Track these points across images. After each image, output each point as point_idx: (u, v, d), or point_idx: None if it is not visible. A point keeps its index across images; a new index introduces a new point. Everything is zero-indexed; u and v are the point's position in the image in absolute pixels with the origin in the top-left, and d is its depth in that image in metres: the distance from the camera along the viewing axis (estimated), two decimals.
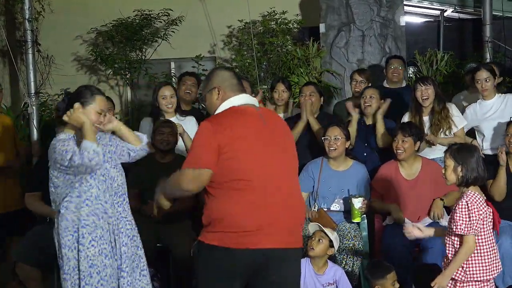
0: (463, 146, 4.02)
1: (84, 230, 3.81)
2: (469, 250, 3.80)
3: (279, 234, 3.55)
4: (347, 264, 5.27)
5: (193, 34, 9.13)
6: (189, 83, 6.68)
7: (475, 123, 6.15)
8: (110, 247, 3.91)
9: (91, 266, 3.79)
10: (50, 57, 9.17)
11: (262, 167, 3.57)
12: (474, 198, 3.84)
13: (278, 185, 3.60)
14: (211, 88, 3.75)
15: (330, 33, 8.09)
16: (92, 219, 3.85)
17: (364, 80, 6.61)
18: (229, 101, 3.70)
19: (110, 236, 3.93)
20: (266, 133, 3.65)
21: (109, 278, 3.85)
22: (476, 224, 3.79)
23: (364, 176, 5.68)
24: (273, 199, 3.55)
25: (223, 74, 3.81)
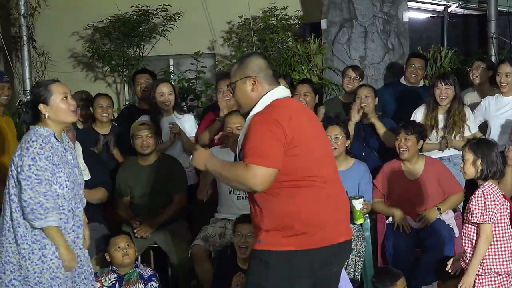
0: (483, 140, 4.09)
1: (46, 241, 3.71)
2: (487, 239, 3.81)
3: (345, 227, 3.56)
4: (349, 265, 5.26)
5: (192, 30, 9.12)
6: (142, 81, 6.65)
7: (486, 117, 6.12)
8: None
9: (53, 278, 3.71)
10: (46, 53, 9.17)
11: (323, 161, 3.49)
12: (490, 188, 3.88)
13: (335, 177, 3.59)
14: (245, 76, 3.52)
15: (331, 29, 8.07)
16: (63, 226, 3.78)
17: (358, 77, 6.61)
18: (271, 94, 3.50)
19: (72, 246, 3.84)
20: (313, 126, 3.56)
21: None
22: (492, 212, 3.81)
23: (366, 175, 5.66)
24: (336, 192, 3.53)
25: (260, 62, 3.57)
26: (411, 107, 6.15)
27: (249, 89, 3.52)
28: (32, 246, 3.67)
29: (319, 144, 3.52)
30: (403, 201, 5.56)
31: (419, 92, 6.60)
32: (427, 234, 5.38)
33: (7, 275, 3.70)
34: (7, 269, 3.70)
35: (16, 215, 3.70)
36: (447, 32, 8.97)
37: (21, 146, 3.73)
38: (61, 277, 3.72)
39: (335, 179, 3.60)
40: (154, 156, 5.65)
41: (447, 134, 5.88)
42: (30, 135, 3.75)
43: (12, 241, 3.71)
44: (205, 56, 9.13)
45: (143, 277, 4.98)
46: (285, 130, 3.31)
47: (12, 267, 3.69)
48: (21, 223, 3.69)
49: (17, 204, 3.70)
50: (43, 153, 3.67)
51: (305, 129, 3.43)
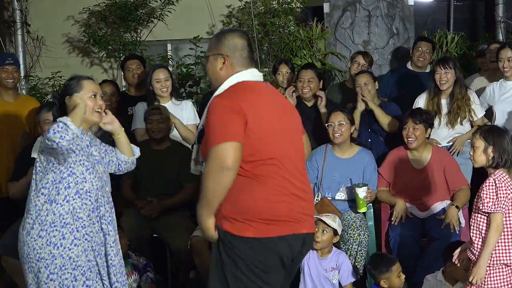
0: (494, 127, 4.08)
1: (78, 223, 3.71)
2: (498, 229, 3.80)
3: (310, 219, 3.51)
4: (351, 255, 5.28)
5: (190, 14, 9.13)
6: (133, 67, 6.67)
7: (491, 103, 6.12)
8: (98, 246, 3.81)
9: (90, 260, 3.73)
10: (40, 38, 9.14)
11: (285, 148, 3.41)
12: (502, 176, 3.86)
13: (300, 167, 3.51)
14: (217, 53, 3.51)
15: (334, 13, 8.03)
16: (87, 213, 3.76)
17: (367, 65, 6.60)
18: (240, 74, 3.47)
19: (99, 236, 3.84)
20: (279, 112, 3.48)
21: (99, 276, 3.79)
22: (504, 202, 3.80)
23: (370, 163, 5.66)
24: (299, 183, 3.44)
25: (236, 42, 3.52)
26: (418, 93, 6.13)
27: (219, 67, 3.51)
28: (61, 231, 3.67)
29: (282, 132, 3.42)
30: (409, 191, 5.57)
31: (426, 78, 6.56)
32: (433, 224, 5.38)
33: (42, 273, 3.67)
34: (40, 267, 3.67)
35: (47, 205, 3.69)
36: (453, 16, 8.93)
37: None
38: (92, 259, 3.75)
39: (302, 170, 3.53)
40: (167, 142, 5.71)
41: (452, 119, 5.88)
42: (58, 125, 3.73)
43: (38, 237, 3.67)
44: (204, 41, 9.07)
45: (137, 268, 4.99)
46: (245, 112, 3.25)
47: (45, 263, 3.67)
48: (49, 210, 3.68)
49: (46, 198, 3.70)
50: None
51: (266, 115, 3.36)
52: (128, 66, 6.72)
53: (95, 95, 3.85)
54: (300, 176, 3.46)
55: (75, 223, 3.70)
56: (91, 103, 3.83)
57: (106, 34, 8.95)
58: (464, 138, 5.90)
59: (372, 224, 5.55)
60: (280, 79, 6.50)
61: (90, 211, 3.77)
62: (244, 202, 3.28)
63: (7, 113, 5.83)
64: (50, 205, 3.69)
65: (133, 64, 6.70)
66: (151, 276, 4.98)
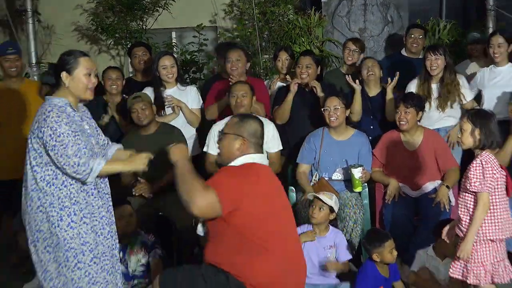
0: (481, 111, 4.10)
1: (76, 207, 3.71)
2: (485, 208, 3.85)
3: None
4: (347, 231, 5.33)
5: (194, 3, 9.11)
6: (140, 54, 6.73)
7: (481, 87, 6.17)
8: (100, 224, 3.84)
9: (83, 243, 3.71)
10: (50, 27, 9.17)
11: (281, 230, 3.71)
12: (488, 157, 3.90)
13: (295, 248, 3.81)
14: (238, 135, 3.76)
15: (332, 2, 8.05)
16: (82, 196, 3.76)
17: (358, 50, 6.61)
18: (251, 157, 3.75)
19: (97, 212, 3.85)
20: (281, 193, 3.84)
21: (101, 256, 3.80)
22: (490, 181, 3.84)
23: (365, 145, 5.68)
24: (294, 262, 3.75)
25: (255, 128, 3.82)
26: (412, 78, 6.14)
27: (236, 147, 3.74)
28: (60, 213, 3.67)
29: (279, 213, 3.74)
30: (401, 171, 5.60)
31: (419, 63, 6.55)
32: (424, 202, 5.42)
33: (40, 243, 3.70)
34: (39, 237, 3.69)
35: (42, 184, 3.68)
36: (446, 4, 8.92)
37: (38, 119, 3.71)
38: (91, 242, 3.73)
39: (297, 250, 3.85)
40: (154, 126, 5.71)
41: (442, 103, 5.91)
42: (45, 106, 3.73)
43: (39, 210, 3.69)
44: (207, 29, 9.11)
45: (146, 244, 5.03)
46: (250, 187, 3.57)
47: (43, 235, 3.69)
48: (48, 191, 3.67)
49: (42, 174, 3.68)
50: (60, 120, 3.65)
51: (268, 196, 3.66)
52: (134, 53, 6.76)
53: (90, 74, 3.82)
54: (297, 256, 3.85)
55: (72, 206, 3.70)
56: (85, 80, 3.80)
57: (113, 22, 8.91)
58: (456, 130, 5.89)
59: (367, 203, 5.59)
60: (279, 65, 6.53)
61: (87, 192, 3.78)
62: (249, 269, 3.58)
63: (15, 98, 5.83)
64: (47, 186, 3.69)
65: (140, 51, 6.75)
66: (158, 253, 5.02)
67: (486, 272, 3.92)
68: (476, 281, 3.94)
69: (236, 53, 6.12)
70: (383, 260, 4.64)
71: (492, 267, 3.93)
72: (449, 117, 5.96)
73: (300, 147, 5.77)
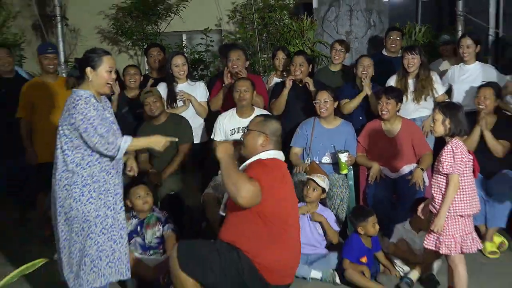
0: (451, 103, 4.11)
1: (96, 185, 3.70)
2: (455, 187, 3.85)
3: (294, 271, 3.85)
4: (335, 208, 5.33)
5: (201, 9, 9.06)
6: (155, 54, 6.68)
7: (451, 83, 6.15)
8: (114, 200, 3.82)
9: (97, 216, 3.70)
10: (76, 30, 9.13)
11: (295, 224, 3.77)
12: (458, 144, 3.90)
13: (298, 238, 3.82)
14: (262, 132, 3.77)
15: (322, 8, 8.00)
16: (102, 175, 3.74)
17: (343, 50, 6.59)
18: (274, 152, 3.76)
19: (113, 189, 3.83)
20: (292, 188, 3.83)
21: (109, 227, 3.77)
22: (459, 165, 3.84)
23: (351, 132, 5.68)
24: (297, 250, 3.79)
25: (276, 127, 3.83)
26: (392, 74, 6.12)
27: (259, 143, 3.75)
28: (82, 190, 3.65)
29: (295, 203, 3.86)
30: (382, 155, 5.59)
31: (398, 61, 6.54)
32: (402, 183, 5.42)
33: (61, 217, 3.70)
34: (61, 211, 3.69)
35: (72, 165, 3.67)
36: (421, 10, 8.88)
37: (68, 107, 3.69)
38: (102, 215, 3.72)
39: (298, 226, 3.86)
40: (164, 116, 5.69)
41: (417, 96, 5.89)
42: (73, 96, 3.70)
43: (64, 188, 3.68)
44: (213, 32, 9.09)
45: (160, 219, 5.03)
46: (276, 176, 3.63)
47: (64, 210, 3.68)
48: (74, 171, 3.66)
49: (72, 157, 3.67)
50: (88, 107, 3.64)
51: (285, 187, 3.70)
52: (150, 53, 6.73)
53: (111, 71, 3.80)
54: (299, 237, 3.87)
55: (93, 184, 3.69)
56: (107, 76, 3.78)
57: (132, 26, 8.90)
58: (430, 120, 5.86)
59: (352, 184, 5.59)
60: (277, 63, 6.53)
61: (107, 172, 3.75)
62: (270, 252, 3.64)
63: (50, 92, 5.84)
64: (75, 167, 3.68)
65: (155, 51, 6.72)
66: (171, 227, 5.01)
67: (456, 244, 3.92)
68: (447, 251, 3.94)
69: (236, 53, 6.11)
70: (367, 233, 4.67)
71: (461, 239, 3.92)
72: (423, 108, 5.94)
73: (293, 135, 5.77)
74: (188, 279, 3.54)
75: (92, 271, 3.68)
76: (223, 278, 3.54)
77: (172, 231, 4.99)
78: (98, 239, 3.70)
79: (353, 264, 4.59)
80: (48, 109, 5.74)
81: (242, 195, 3.43)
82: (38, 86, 5.91)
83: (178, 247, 3.63)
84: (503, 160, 5.47)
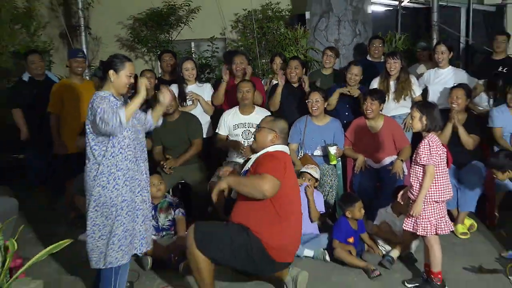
0: (427, 102, 4.10)
1: (120, 173, 3.66)
2: (431, 176, 3.83)
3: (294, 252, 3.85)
4: (325, 195, 5.31)
5: (208, 20, 9.03)
6: (167, 59, 6.61)
7: (427, 84, 6.11)
8: (136, 185, 3.78)
9: (123, 201, 3.67)
10: (98, 38, 9.09)
11: (298, 209, 3.76)
12: (434, 138, 3.88)
13: (300, 222, 3.79)
14: (272, 130, 3.77)
15: (313, 19, 7.93)
16: (125, 164, 3.70)
17: (333, 55, 6.53)
18: (281, 146, 3.75)
19: (136, 176, 3.78)
20: (295, 176, 3.82)
21: (132, 209, 3.73)
22: (435, 156, 3.81)
23: (339, 128, 5.65)
24: (298, 232, 3.78)
25: (284, 126, 3.85)
26: (375, 77, 6.08)
27: (269, 139, 3.75)
28: (108, 178, 3.63)
29: (298, 191, 3.84)
30: (367, 148, 5.56)
31: (380, 66, 6.52)
32: (384, 173, 5.39)
33: (92, 204, 3.68)
34: (91, 199, 3.67)
35: (99, 158, 3.64)
36: (400, 21, 8.83)
37: (89, 107, 3.67)
38: (128, 199, 3.69)
39: (300, 212, 3.83)
40: (177, 114, 5.62)
41: (397, 96, 5.85)
42: (93, 97, 3.68)
43: (93, 178, 3.66)
44: (218, 40, 9.05)
45: (172, 204, 5.00)
46: (287, 168, 3.63)
47: (94, 197, 3.66)
48: (101, 162, 3.63)
49: (99, 151, 3.65)
50: (103, 101, 3.60)
51: (290, 175, 3.67)
52: (163, 58, 6.69)
53: (131, 76, 3.78)
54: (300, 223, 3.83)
55: (117, 172, 3.65)
56: (126, 80, 3.74)
57: (147, 35, 8.88)
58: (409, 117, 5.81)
59: (340, 173, 5.57)
60: (275, 67, 6.52)
61: (130, 160, 3.71)
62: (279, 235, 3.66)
63: (76, 92, 5.82)
64: (102, 158, 3.64)
65: (167, 57, 6.67)
66: (182, 211, 5.00)
67: (432, 226, 3.89)
68: (424, 233, 3.92)
69: (240, 57, 6.13)
70: (354, 217, 4.64)
71: (436, 222, 3.90)
72: (403, 107, 5.90)
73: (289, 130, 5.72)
74: (201, 255, 3.52)
75: (120, 249, 3.65)
76: (234, 256, 3.54)
77: (182, 215, 4.98)
78: (124, 220, 3.68)
79: (341, 244, 4.58)
80: (74, 107, 5.75)
81: (263, 191, 3.47)
82: (67, 86, 5.90)
83: (195, 228, 3.59)
84: (472, 152, 5.44)
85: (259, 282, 4.15)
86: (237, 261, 3.57)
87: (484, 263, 4.44)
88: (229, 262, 3.58)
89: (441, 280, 3.96)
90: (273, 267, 3.67)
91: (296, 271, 3.89)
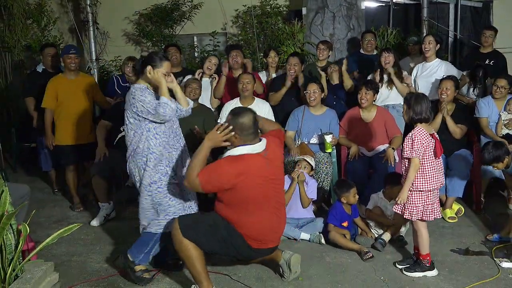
0: (414, 95, 4.02)
1: (151, 156, 3.76)
2: (415, 168, 3.80)
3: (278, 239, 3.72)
4: (320, 181, 5.29)
5: (210, 16, 8.96)
6: (173, 51, 6.55)
7: (415, 77, 6.08)
8: (171, 169, 3.84)
9: (159, 179, 3.79)
10: (106, 33, 9.02)
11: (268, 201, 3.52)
12: (418, 131, 3.83)
13: (279, 211, 3.62)
14: (232, 129, 3.42)
15: (310, 14, 7.88)
16: (158, 149, 3.77)
17: (327, 49, 6.49)
18: (244, 148, 3.41)
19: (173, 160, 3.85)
20: (269, 171, 3.48)
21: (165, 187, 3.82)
22: (418, 149, 3.78)
23: (334, 118, 5.63)
24: (278, 216, 3.61)
25: (244, 124, 3.41)
26: (368, 69, 6.08)
27: (232, 141, 3.48)
28: (143, 159, 3.79)
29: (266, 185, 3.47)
30: (360, 137, 5.53)
31: (373, 59, 6.52)
32: (376, 160, 5.37)
33: (138, 184, 3.87)
34: (136, 181, 3.87)
35: (136, 143, 3.79)
36: (392, 16, 8.76)
37: (128, 99, 3.80)
38: (162, 177, 3.81)
39: (281, 208, 3.66)
40: (195, 104, 5.56)
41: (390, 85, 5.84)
42: (132, 90, 3.81)
43: (133, 162, 3.84)
44: (219, 35, 8.98)
45: None
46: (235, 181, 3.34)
47: (136, 178, 3.86)
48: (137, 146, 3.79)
49: (137, 138, 3.77)
50: (144, 94, 3.74)
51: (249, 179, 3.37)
52: (169, 51, 6.62)
53: (166, 74, 3.83)
54: (281, 211, 3.68)
55: (148, 155, 3.76)
56: (162, 78, 3.80)
57: (152, 30, 8.81)
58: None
59: (335, 161, 5.54)
60: (269, 61, 6.46)
61: (162, 146, 3.79)
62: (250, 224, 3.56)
63: (71, 86, 5.77)
64: (138, 142, 3.77)
65: (172, 50, 6.61)
66: None
67: (418, 212, 3.89)
68: (409, 217, 3.92)
69: (235, 51, 6.21)
70: (348, 202, 4.63)
71: (423, 208, 3.89)
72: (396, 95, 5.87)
73: (285, 121, 5.72)
74: (189, 242, 3.47)
75: (165, 218, 3.83)
76: (216, 243, 3.51)
77: None
78: (160, 195, 3.81)
79: (336, 227, 4.57)
80: (68, 101, 5.71)
81: (188, 179, 3.39)
82: (61, 81, 5.80)
83: (179, 220, 3.56)
84: (460, 141, 5.42)
85: (254, 265, 4.11)
86: (221, 247, 3.54)
87: (471, 246, 4.44)
88: (212, 247, 3.53)
89: (429, 261, 3.95)
90: (254, 254, 3.64)
91: (288, 254, 3.86)
